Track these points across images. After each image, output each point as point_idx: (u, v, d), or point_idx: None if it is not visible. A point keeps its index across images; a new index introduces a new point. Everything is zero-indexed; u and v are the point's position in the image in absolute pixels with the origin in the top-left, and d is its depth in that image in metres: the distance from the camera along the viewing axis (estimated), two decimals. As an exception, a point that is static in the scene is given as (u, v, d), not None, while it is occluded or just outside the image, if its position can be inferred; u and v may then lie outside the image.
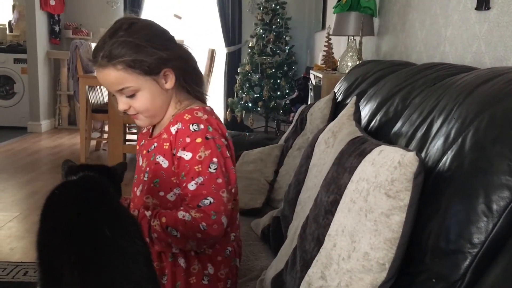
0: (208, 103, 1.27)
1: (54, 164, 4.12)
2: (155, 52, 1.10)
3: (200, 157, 1.10)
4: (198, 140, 1.10)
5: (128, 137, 4.42)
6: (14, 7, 5.92)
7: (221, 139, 1.15)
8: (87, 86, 4.32)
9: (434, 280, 0.75)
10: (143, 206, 1.16)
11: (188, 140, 1.10)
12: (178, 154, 1.11)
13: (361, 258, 0.81)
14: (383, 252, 0.79)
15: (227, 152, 1.15)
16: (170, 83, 1.15)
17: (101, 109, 4.36)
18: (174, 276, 1.14)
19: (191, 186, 1.10)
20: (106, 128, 4.56)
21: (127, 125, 4.34)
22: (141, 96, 1.14)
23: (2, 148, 4.68)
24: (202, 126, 1.12)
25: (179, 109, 1.19)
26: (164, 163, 1.14)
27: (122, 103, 1.16)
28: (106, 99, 4.48)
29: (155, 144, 1.18)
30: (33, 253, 0.75)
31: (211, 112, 1.18)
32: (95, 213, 0.74)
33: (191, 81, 1.20)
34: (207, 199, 1.09)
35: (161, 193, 1.15)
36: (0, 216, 2.93)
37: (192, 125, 1.11)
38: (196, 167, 1.09)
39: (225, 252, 1.21)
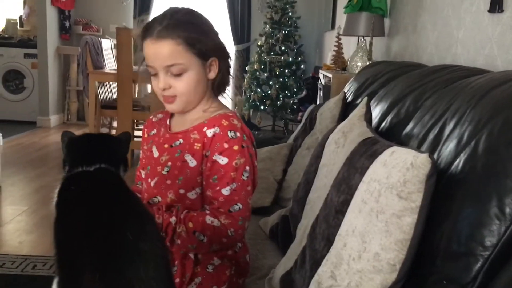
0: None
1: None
2: (213, 37, 1.14)
3: (236, 164, 1.12)
4: (235, 147, 1.12)
5: (137, 133, 4.44)
6: (25, 2, 5.95)
7: (252, 148, 1.18)
8: (96, 82, 4.34)
9: (445, 282, 0.75)
10: (164, 206, 1.16)
11: (226, 146, 1.12)
12: (214, 158, 1.13)
13: (371, 259, 0.81)
14: (394, 253, 0.79)
15: (255, 161, 1.19)
16: (213, 73, 1.17)
17: (110, 105, 4.39)
18: (183, 268, 1.16)
19: (226, 191, 1.12)
20: (115, 124, 4.59)
21: (135, 121, 4.36)
22: (187, 77, 1.13)
23: (11, 143, 4.71)
24: (238, 134, 1.14)
25: (209, 109, 1.19)
26: (191, 162, 1.15)
27: (163, 82, 1.13)
28: (115, 95, 4.50)
29: (181, 140, 1.18)
30: (42, 247, 0.76)
31: (240, 120, 1.20)
32: (116, 213, 0.74)
33: (225, 81, 1.22)
34: (237, 204, 1.13)
35: (182, 191, 1.16)
36: (9, 210, 2.95)
37: (230, 132, 1.13)
38: (232, 173, 1.12)
39: (236, 247, 1.22)
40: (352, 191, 0.93)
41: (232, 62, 4.95)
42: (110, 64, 4.74)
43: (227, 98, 1.30)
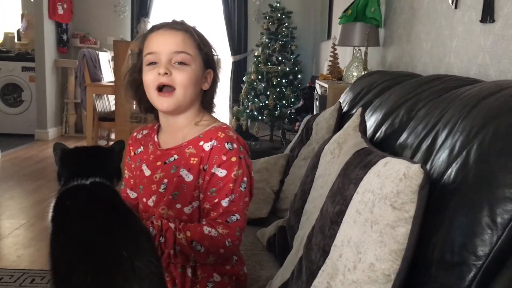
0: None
1: (61, 171, 4.14)
2: (212, 52, 1.21)
3: (235, 175, 1.13)
4: (233, 159, 1.13)
5: (134, 145, 4.44)
6: (22, 15, 5.99)
7: (249, 159, 1.19)
8: (94, 95, 4.36)
9: (439, 292, 0.76)
10: (161, 217, 1.16)
11: (224, 158, 1.13)
12: (212, 170, 1.13)
13: (366, 269, 0.81)
14: (389, 263, 0.79)
15: (251, 171, 1.20)
16: (207, 84, 1.20)
17: (108, 117, 4.40)
18: (183, 286, 1.15)
19: (225, 202, 1.13)
20: (113, 136, 4.60)
21: (133, 133, 4.36)
22: (189, 70, 1.14)
23: (9, 156, 4.71)
24: (235, 146, 1.15)
25: (201, 122, 1.20)
26: (187, 177, 1.15)
27: (165, 67, 1.12)
28: (113, 107, 4.51)
29: (175, 156, 1.18)
30: (40, 260, 0.76)
31: (235, 131, 1.21)
32: (112, 229, 0.74)
33: (213, 95, 1.25)
34: (235, 215, 1.14)
35: (178, 206, 1.16)
36: (7, 223, 2.95)
37: (227, 144, 1.14)
38: (231, 185, 1.13)
39: (232, 261, 1.22)
40: (347, 201, 0.93)
41: (229, 72, 4.93)
42: (107, 76, 4.76)
43: (224, 108, 1.32)
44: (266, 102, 5.30)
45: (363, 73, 2.73)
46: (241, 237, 1.16)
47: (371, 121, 1.53)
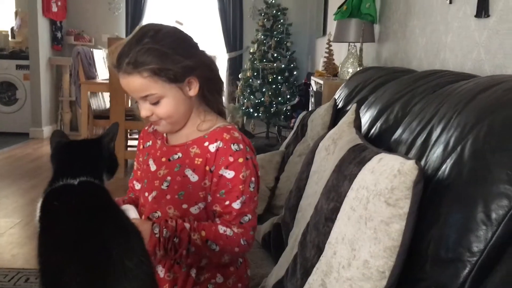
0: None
1: (56, 170, 4.12)
2: (180, 60, 1.09)
3: (243, 176, 1.12)
4: (240, 160, 1.12)
5: (130, 143, 4.43)
6: (16, 13, 5.95)
7: (255, 159, 1.18)
8: (89, 92, 4.33)
9: (434, 289, 0.75)
10: (167, 216, 1.15)
11: (231, 159, 1.12)
12: (220, 172, 1.12)
13: (361, 266, 0.81)
14: (383, 260, 0.79)
15: (258, 171, 1.19)
16: (194, 90, 1.14)
17: (103, 115, 4.38)
18: (184, 286, 1.15)
19: (237, 204, 1.12)
20: (108, 134, 4.57)
21: (128, 131, 4.35)
22: (165, 103, 1.12)
23: (4, 154, 4.69)
24: (241, 146, 1.14)
25: (204, 123, 1.18)
26: (193, 177, 1.14)
27: (145, 110, 1.13)
28: (107, 105, 4.49)
29: (180, 154, 1.17)
30: (35, 260, 0.75)
31: (239, 132, 1.19)
32: (102, 230, 0.73)
33: (214, 90, 1.20)
34: (247, 216, 1.14)
35: (185, 206, 1.15)
36: (2, 222, 2.93)
37: (233, 145, 1.13)
38: (240, 186, 1.12)
39: (237, 263, 1.22)
40: (341, 198, 0.93)
41: (224, 69, 4.91)
42: (102, 74, 4.74)
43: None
44: (262, 99, 5.29)
45: (358, 69, 2.72)
46: (254, 236, 1.17)
47: (366, 117, 1.53)
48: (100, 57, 4.88)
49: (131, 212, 1.17)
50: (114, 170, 0.96)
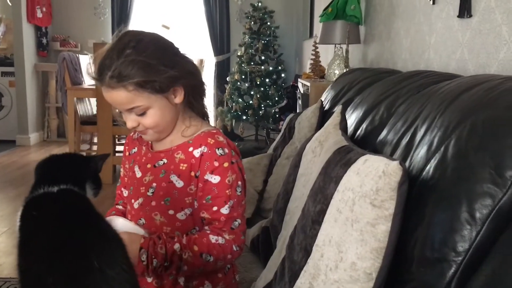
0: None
1: (43, 177, 4.07)
2: (165, 70, 1.06)
3: (229, 181, 1.11)
4: (226, 164, 1.11)
5: (118, 148, 4.40)
6: (0, 20, 5.89)
7: (241, 162, 1.17)
8: (75, 98, 4.30)
9: (420, 289, 0.76)
10: (154, 222, 1.15)
11: (216, 164, 1.11)
12: (205, 177, 1.11)
13: (348, 268, 0.81)
14: (370, 261, 0.79)
15: (245, 174, 1.19)
16: (179, 98, 1.12)
17: (90, 121, 4.34)
18: None
19: (225, 210, 1.11)
20: (95, 140, 4.54)
21: (116, 136, 4.32)
22: (151, 114, 1.10)
23: (-10, 162, 4.63)
24: (226, 151, 1.12)
25: (189, 129, 1.17)
26: (178, 183, 1.13)
27: (131, 121, 1.12)
28: (94, 111, 4.45)
29: (165, 160, 1.16)
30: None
31: (224, 135, 1.18)
32: (82, 239, 0.71)
33: (197, 95, 1.19)
34: (237, 220, 1.13)
35: (171, 212, 1.14)
36: (-12, 231, 2.89)
37: (218, 149, 1.12)
38: (227, 191, 1.11)
39: (225, 269, 1.21)
40: (328, 200, 0.93)
41: (212, 73, 4.89)
42: (88, 80, 4.70)
43: (209, 109, 1.28)
44: (250, 102, 5.29)
45: (344, 71, 2.73)
46: (244, 240, 1.16)
47: (352, 119, 1.53)
48: (86, 62, 4.84)
49: (119, 222, 1.14)
50: (99, 187, 0.94)
